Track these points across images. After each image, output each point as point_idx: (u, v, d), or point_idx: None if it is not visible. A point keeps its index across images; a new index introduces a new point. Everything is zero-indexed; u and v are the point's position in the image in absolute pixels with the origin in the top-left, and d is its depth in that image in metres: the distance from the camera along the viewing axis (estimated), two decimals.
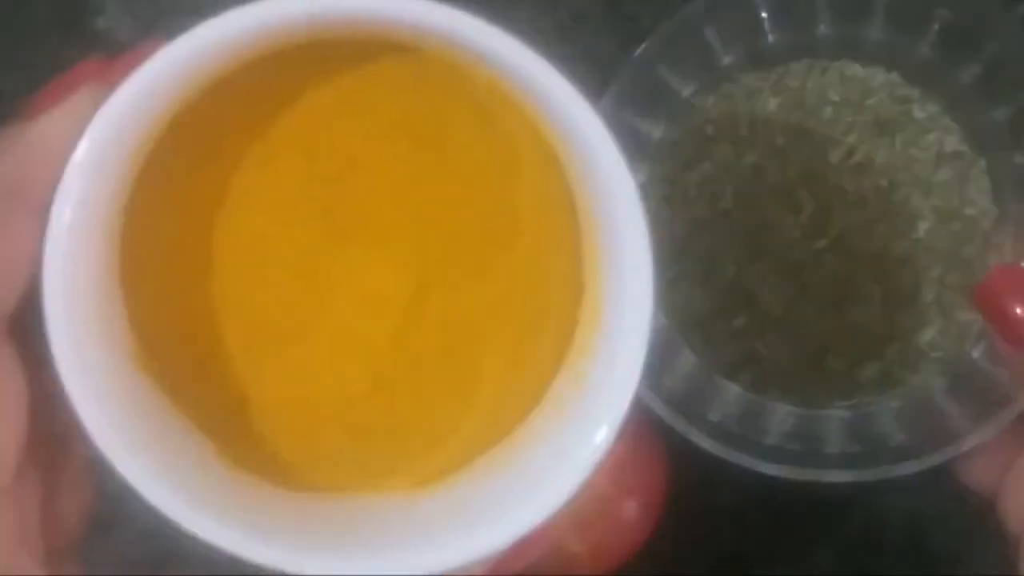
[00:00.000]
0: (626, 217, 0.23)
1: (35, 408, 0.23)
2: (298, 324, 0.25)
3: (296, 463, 0.24)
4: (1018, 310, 0.27)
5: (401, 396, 0.25)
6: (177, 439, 0.23)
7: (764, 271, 0.39)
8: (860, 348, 0.39)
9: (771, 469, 0.36)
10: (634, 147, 0.38)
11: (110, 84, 0.23)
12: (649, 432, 0.43)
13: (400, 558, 0.22)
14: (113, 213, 0.24)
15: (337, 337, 0.25)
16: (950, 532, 0.46)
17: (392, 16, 0.23)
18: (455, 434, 0.24)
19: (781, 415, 0.39)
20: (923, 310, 0.38)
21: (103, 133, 0.23)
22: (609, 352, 0.23)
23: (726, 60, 0.39)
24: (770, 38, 0.39)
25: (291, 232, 0.25)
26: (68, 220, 0.22)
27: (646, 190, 0.38)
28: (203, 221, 0.25)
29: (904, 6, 0.38)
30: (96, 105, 0.23)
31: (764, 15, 0.38)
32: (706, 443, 0.37)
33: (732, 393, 0.40)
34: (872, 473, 0.36)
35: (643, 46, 0.38)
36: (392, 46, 0.24)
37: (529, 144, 0.25)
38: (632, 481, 0.41)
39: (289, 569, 0.21)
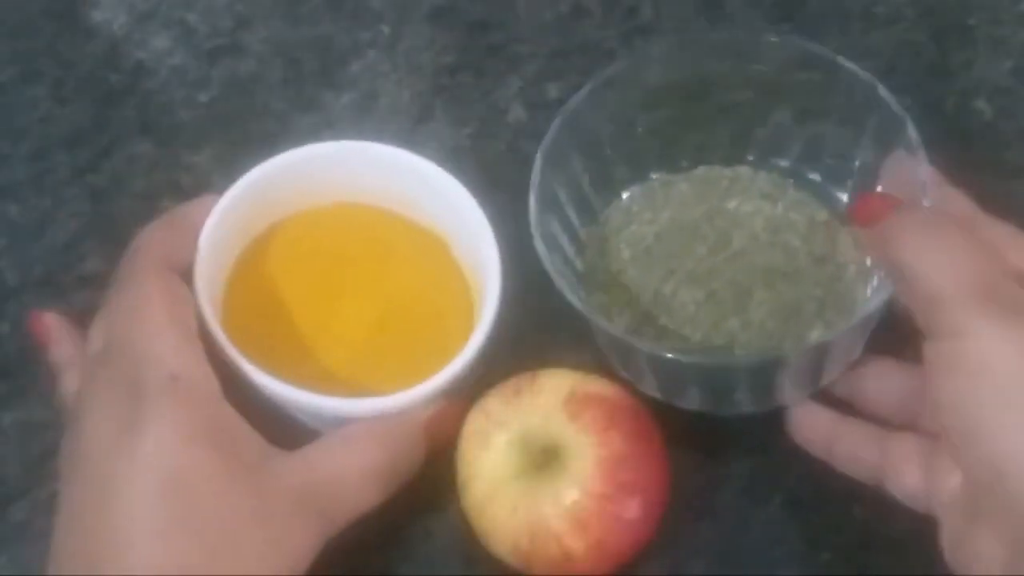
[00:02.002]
0: (492, 274, 0.45)
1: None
2: (313, 335, 0.46)
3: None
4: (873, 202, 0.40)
5: (368, 367, 0.45)
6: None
7: (677, 283, 0.48)
8: (760, 343, 0.46)
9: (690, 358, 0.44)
10: (581, 215, 0.50)
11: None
12: (649, 432, 0.43)
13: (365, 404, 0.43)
14: (224, 262, 0.46)
15: (335, 341, 0.46)
16: None
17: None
18: (394, 382, 0.43)
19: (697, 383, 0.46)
20: (808, 318, 0.47)
21: (219, 217, 0.45)
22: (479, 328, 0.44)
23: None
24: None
25: (309, 289, 0.47)
26: (204, 251, 0.44)
27: (587, 247, 0.50)
28: (268, 279, 0.47)
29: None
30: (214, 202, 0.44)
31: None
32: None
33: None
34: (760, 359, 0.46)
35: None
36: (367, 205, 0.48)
37: (436, 244, 0.48)
38: (632, 481, 0.41)
39: (302, 400, 0.42)
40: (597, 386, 0.43)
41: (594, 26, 0.58)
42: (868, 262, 0.48)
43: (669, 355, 0.43)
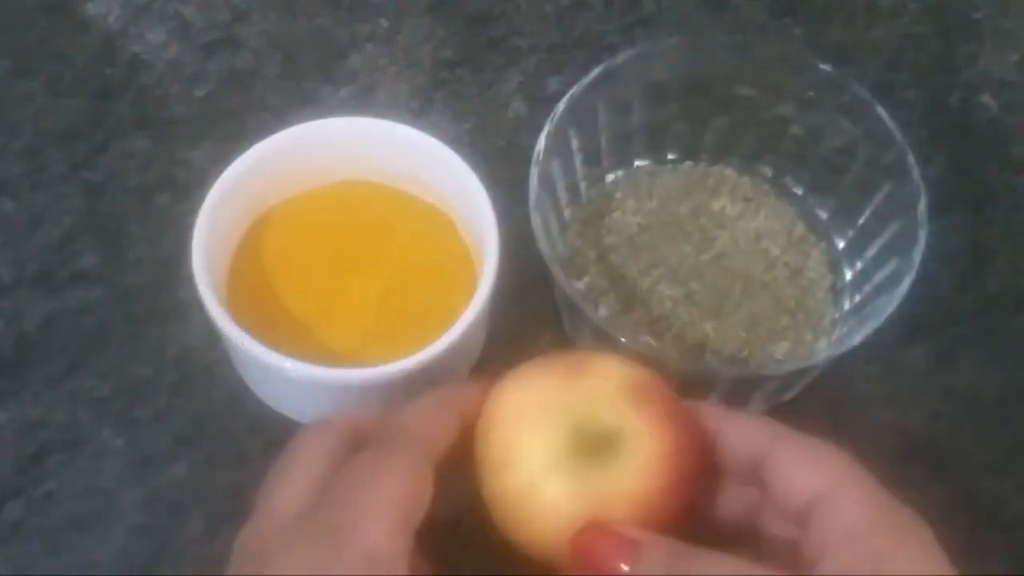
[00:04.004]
0: (491, 247, 0.44)
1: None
2: (321, 311, 0.46)
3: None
4: None
5: (373, 344, 0.45)
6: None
7: (657, 277, 0.49)
8: (730, 350, 0.47)
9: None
10: (570, 195, 0.50)
11: None
12: (697, 424, 0.40)
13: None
14: (229, 242, 0.47)
15: (341, 319, 0.46)
16: (955, 531, 0.45)
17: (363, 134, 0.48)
18: (399, 358, 0.43)
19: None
20: (778, 330, 0.48)
21: (220, 195, 0.45)
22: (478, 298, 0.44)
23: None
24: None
25: (314, 267, 0.47)
26: (203, 232, 0.44)
27: (570, 228, 0.50)
28: (273, 258, 0.47)
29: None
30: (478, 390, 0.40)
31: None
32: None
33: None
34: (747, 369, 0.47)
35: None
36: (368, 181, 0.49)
37: (440, 219, 0.48)
38: (689, 475, 0.38)
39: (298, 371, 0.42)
40: (650, 377, 0.40)
41: (595, 19, 0.57)
42: (837, 284, 0.49)
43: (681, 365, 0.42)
